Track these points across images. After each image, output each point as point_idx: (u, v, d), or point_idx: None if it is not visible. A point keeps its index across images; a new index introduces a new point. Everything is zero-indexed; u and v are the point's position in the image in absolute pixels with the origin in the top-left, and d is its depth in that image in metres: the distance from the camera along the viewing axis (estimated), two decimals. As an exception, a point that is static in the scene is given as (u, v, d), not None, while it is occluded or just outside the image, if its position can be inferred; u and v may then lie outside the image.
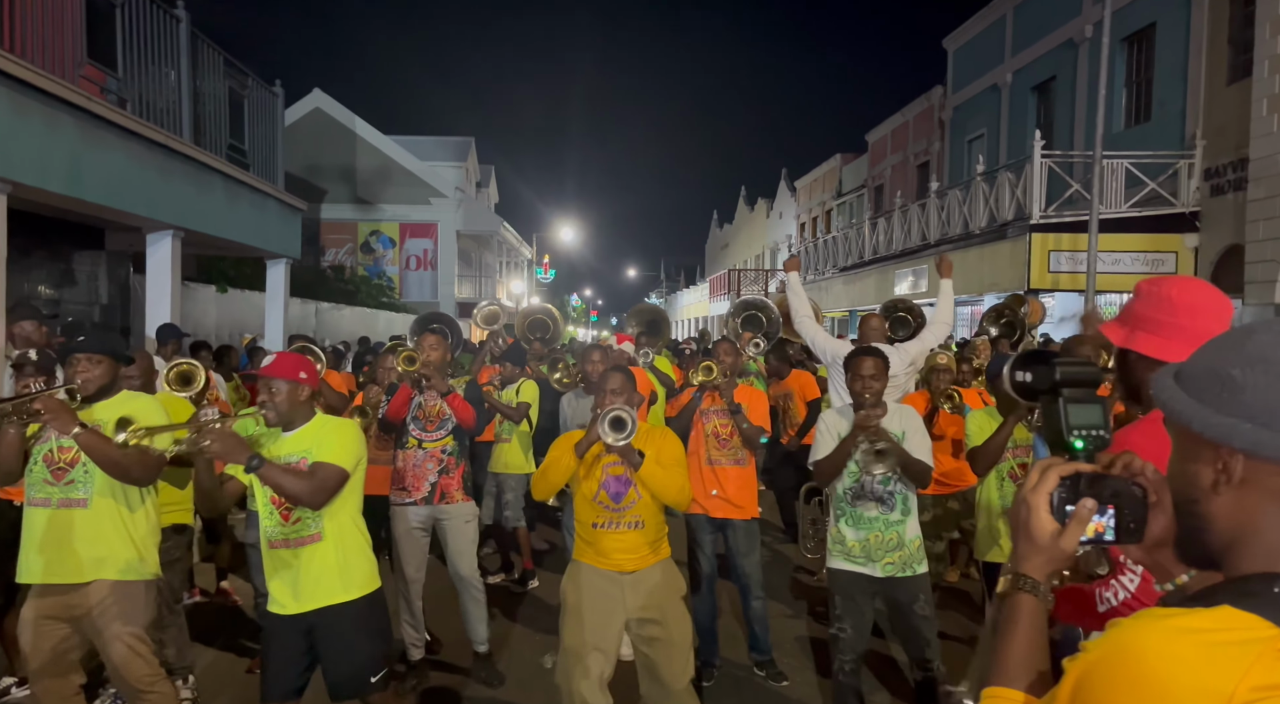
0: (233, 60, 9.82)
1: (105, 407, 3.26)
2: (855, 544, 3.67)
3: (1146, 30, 14.02)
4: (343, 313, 18.66)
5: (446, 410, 4.46)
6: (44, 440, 3.21)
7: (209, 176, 9.14)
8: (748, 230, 41.66)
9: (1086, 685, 0.89)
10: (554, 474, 3.37)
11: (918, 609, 3.65)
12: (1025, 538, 1.14)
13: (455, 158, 31.28)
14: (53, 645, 3.18)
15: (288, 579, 3.07)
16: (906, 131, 23.40)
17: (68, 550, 3.16)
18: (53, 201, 7.02)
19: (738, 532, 4.56)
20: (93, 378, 3.21)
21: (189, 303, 10.78)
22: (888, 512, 3.65)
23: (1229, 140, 11.95)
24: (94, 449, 3.04)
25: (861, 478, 3.67)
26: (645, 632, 3.41)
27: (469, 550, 4.59)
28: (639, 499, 3.37)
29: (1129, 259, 12.95)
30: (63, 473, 3.18)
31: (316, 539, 3.08)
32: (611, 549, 3.38)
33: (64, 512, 3.17)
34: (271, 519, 3.09)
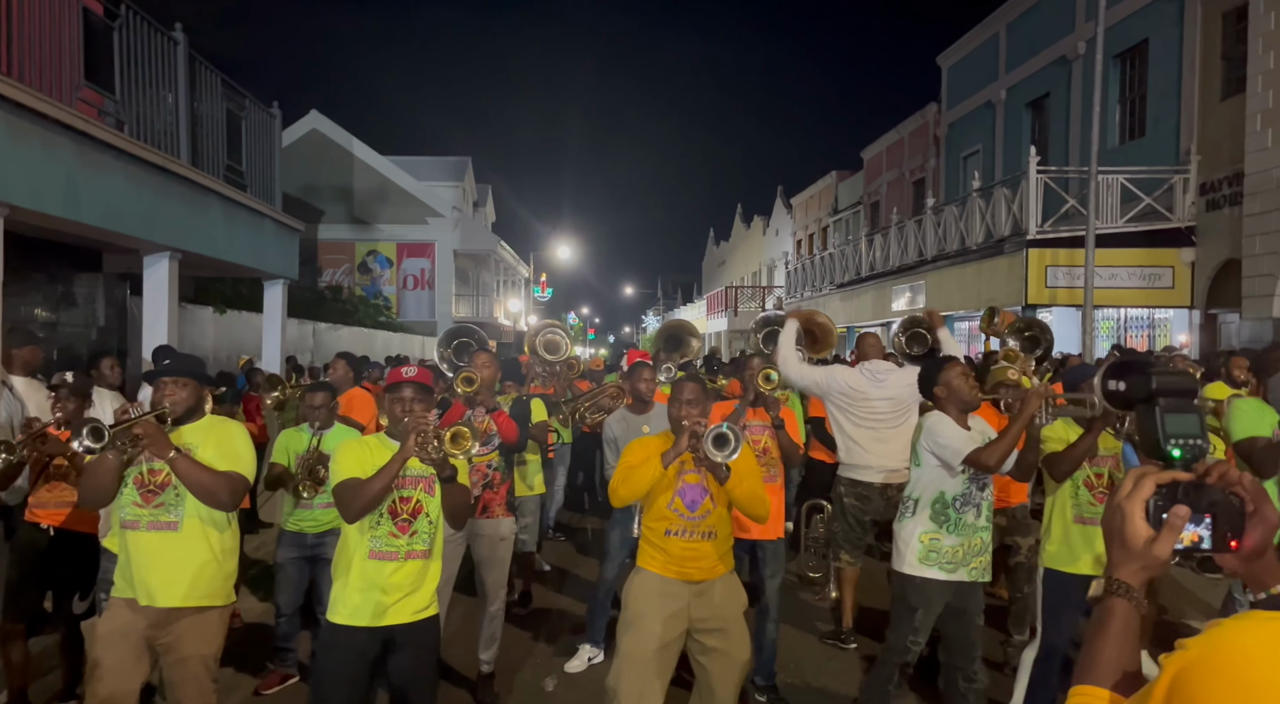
0: (230, 82, 9.84)
1: (193, 430, 3.27)
2: (950, 550, 3.72)
3: (1139, 47, 14.11)
4: (340, 333, 18.64)
5: (493, 427, 4.56)
6: (134, 463, 3.21)
7: (206, 198, 9.14)
8: (744, 247, 41.76)
9: (1184, 683, 0.89)
10: (638, 482, 3.31)
11: (979, 619, 3.77)
12: (1119, 544, 1.16)
13: (452, 177, 31.36)
14: (122, 662, 3.14)
15: (386, 591, 3.10)
16: (902, 148, 23.51)
17: (157, 574, 3.15)
18: (50, 224, 7.00)
19: (766, 552, 4.55)
20: (180, 401, 3.23)
21: (186, 324, 10.75)
22: (979, 518, 3.76)
23: (1224, 155, 12.00)
24: (189, 475, 3.07)
25: (969, 484, 3.73)
26: (707, 641, 3.40)
27: (501, 566, 4.68)
28: (714, 509, 3.37)
29: (1126, 274, 12.98)
30: (153, 495, 3.19)
31: (426, 556, 3.19)
32: (682, 557, 3.37)
33: (154, 534, 3.17)
34: (380, 529, 3.12)
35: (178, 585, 3.16)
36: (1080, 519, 3.78)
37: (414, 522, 3.14)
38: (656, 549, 3.40)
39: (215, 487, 3.10)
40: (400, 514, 3.13)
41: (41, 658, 4.56)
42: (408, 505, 3.14)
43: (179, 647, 3.18)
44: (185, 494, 3.16)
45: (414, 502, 3.15)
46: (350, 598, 3.13)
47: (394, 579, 3.11)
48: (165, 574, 3.15)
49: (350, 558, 3.15)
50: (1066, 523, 3.81)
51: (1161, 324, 13.76)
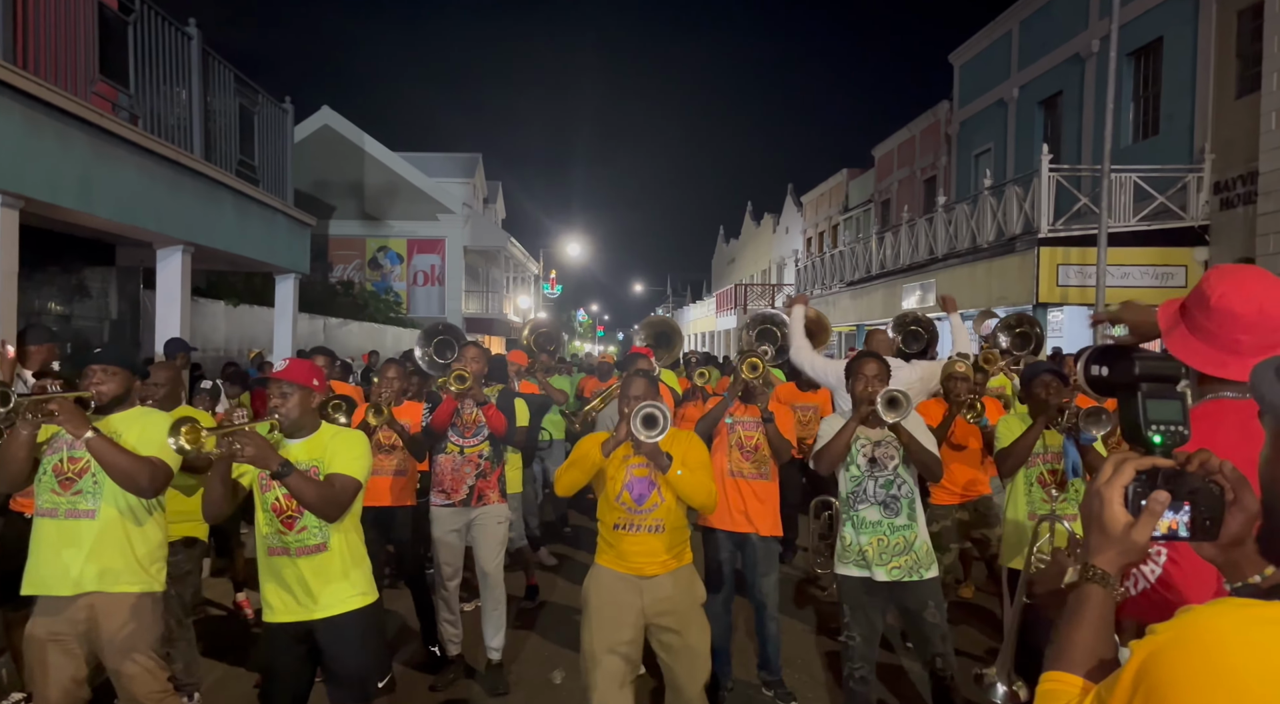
0: (243, 77, 9.89)
1: (120, 419, 3.24)
2: (858, 548, 3.68)
3: (1154, 44, 14.03)
4: (350, 328, 18.70)
5: (482, 418, 4.63)
6: (55, 450, 3.19)
7: (219, 192, 9.19)
8: (754, 245, 41.70)
9: (1154, 667, 0.89)
10: (578, 471, 3.37)
11: (928, 616, 3.65)
12: (1098, 530, 1.15)
13: (463, 174, 31.41)
14: (59, 661, 3.13)
15: (288, 588, 3.06)
16: (913, 146, 23.43)
17: (73, 562, 3.12)
18: (64, 217, 7.06)
19: (756, 549, 4.47)
20: (107, 389, 3.21)
21: (198, 318, 10.81)
22: (892, 516, 3.67)
23: (1238, 154, 11.93)
24: (105, 455, 3.02)
25: (864, 481, 3.69)
26: (663, 638, 3.41)
27: (498, 550, 4.74)
28: (661, 503, 3.36)
29: (1138, 273, 12.90)
30: (70, 483, 3.15)
31: (321, 549, 3.08)
32: (631, 552, 3.37)
33: (70, 522, 3.14)
34: (271, 527, 3.07)
35: (97, 572, 3.13)
36: (1034, 516, 3.75)
37: (299, 517, 3.06)
38: (608, 544, 3.44)
39: (133, 470, 3.04)
40: (284, 511, 3.06)
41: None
42: (292, 502, 3.05)
43: (110, 637, 3.14)
44: (104, 482, 3.12)
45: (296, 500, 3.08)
46: (265, 596, 3.13)
47: (289, 575, 3.06)
48: (82, 562, 3.12)
49: (260, 556, 3.15)
50: (1020, 520, 3.79)
51: (1174, 323, 13.67)
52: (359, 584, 3.15)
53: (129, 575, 3.19)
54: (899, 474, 3.69)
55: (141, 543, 3.23)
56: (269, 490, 3.07)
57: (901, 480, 3.69)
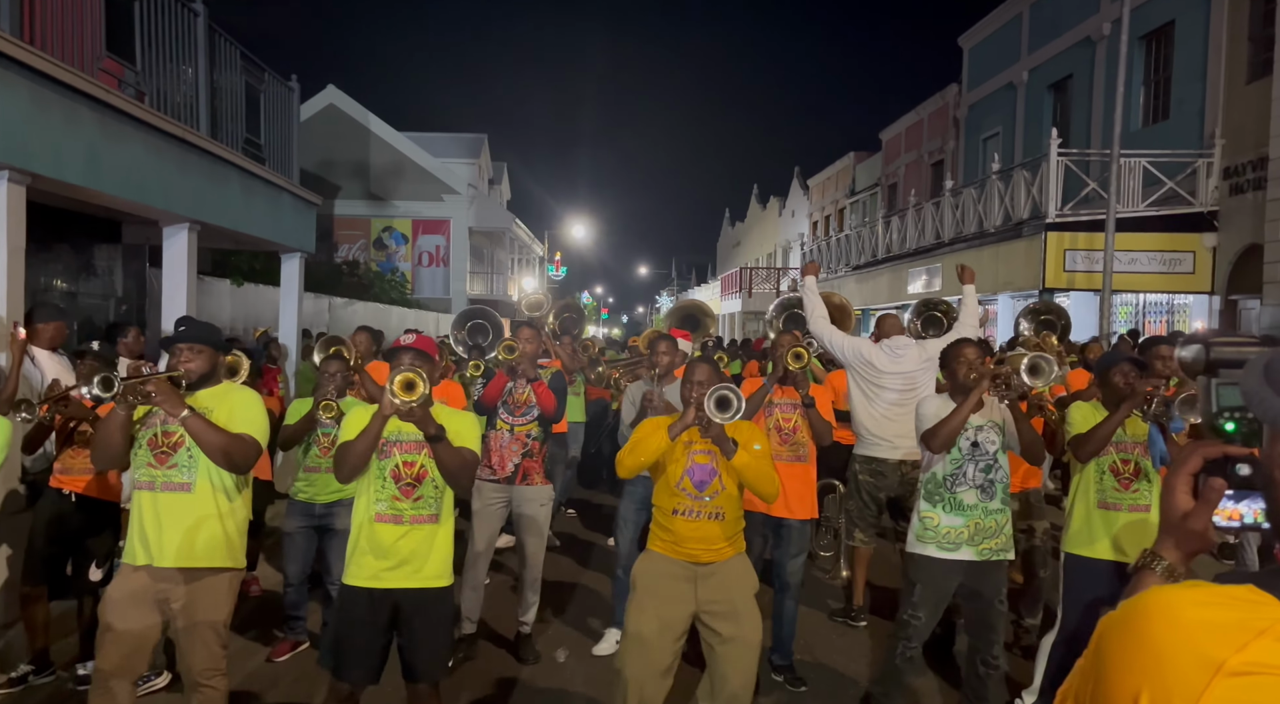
0: (249, 55, 9.84)
1: (208, 395, 3.29)
2: (950, 530, 3.70)
3: (1165, 28, 13.91)
4: (355, 308, 18.71)
5: (533, 398, 4.69)
6: (149, 425, 3.24)
7: (225, 170, 9.17)
8: (760, 228, 41.57)
9: (1103, 641, 0.93)
10: (642, 453, 3.33)
11: (998, 602, 3.73)
12: (1163, 517, 1.16)
13: (468, 155, 31.31)
14: (130, 627, 3.17)
15: (390, 555, 3.12)
16: (921, 130, 23.30)
17: (171, 534, 3.18)
18: (71, 194, 7.05)
19: (792, 532, 4.53)
20: (195, 367, 3.25)
21: (204, 297, 10.82)
22: (988, 499, 3.71)
23: (1248, 139, 11.85)
24: (200, 433, 3.08)
25: (964, 464, 3.72)
26: (716, 625, 3.35)
27: (541, 531, 4.82)
28: (723, 490, 3.35)
29: (1146, 258, 12.86)
30: (166, 456, 3.20)
31: (433, 520, 3.18)
32: (688, 538, 3.34)
33: (167, 495, 3.20)
34: (384, 492, 3.14)
35: (188, 545, 3.18)
36: (1104, 504, 3.75)
37: (418, 486, 3.14)
38: (664, 530, 3.41)
39: (228, 447, 3.11)
40: (404, 478, 3.14)
41: (61, 621, 4.64)
42: (411, 469, 3.15)
43: (189, 610, 3.20)
44: (199, 456, 3.18)
45: (418, 466, 3.16)
46: (359, 560, 3.16)
47: (399, 544, 3.12)
48: (176, 534, 3.17)
49: (359, 521, 3.19)
50: (1089, 507, 3.78)
51: (1181, 310, 13.64)
52: (449, 563, 3.26)
53: (216, 550, 3.25)
54: (998, 459, 3.74)
55: (230, 518, 3.30)
56: (390, 456, 3.14)
57: (999, 465, 3.74)
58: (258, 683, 4.45)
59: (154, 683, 4.21)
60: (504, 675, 4.59)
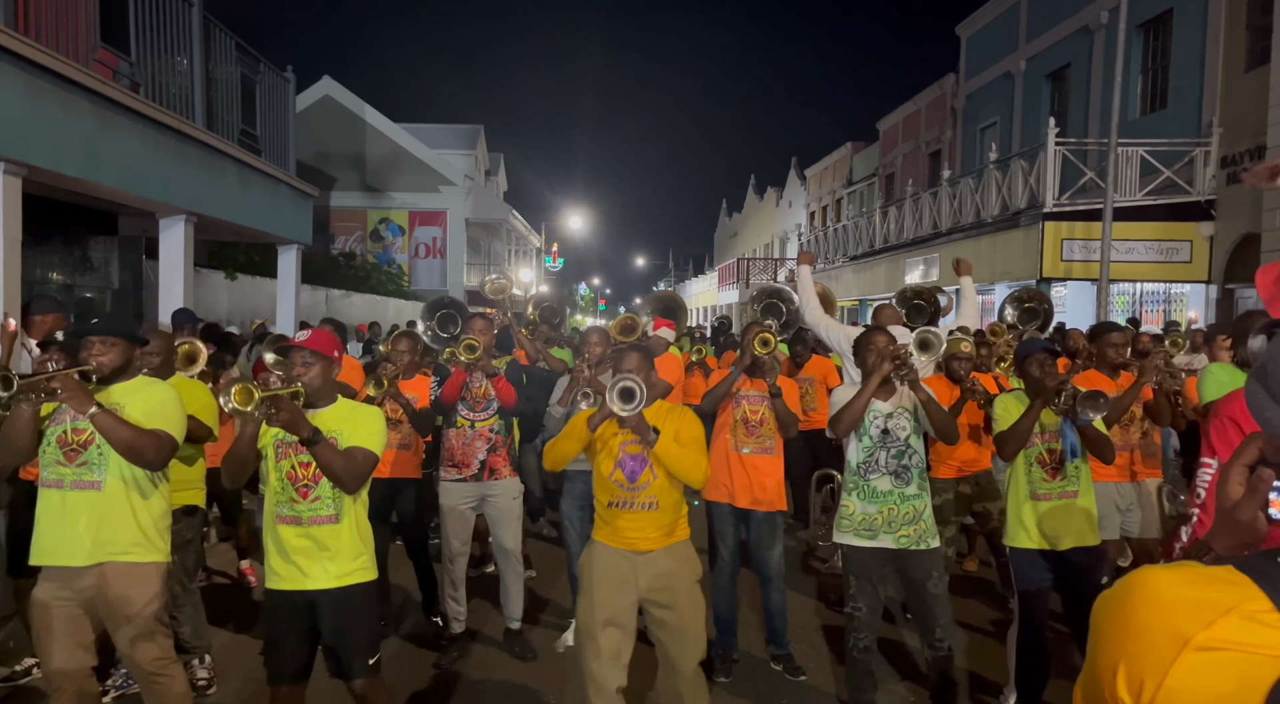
0: (244, 45, 9.80)
1: (122, 390, 3.24)
2: (865, 518, 3.71)
3: (1163, 16, 13.88)
4: (352, 300, 18.69)
5: (491, 391, 4.61)
6: (58, 421, 3.19)
7: (222, 161, 9.15)
8: (757, 219, 41.53)
9: (1094, 616, 0.98)
10: (565, 444, 3.38)
11: (930, 586, 3.72)
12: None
13: (464, 146, 31.21)
14: (64, 627, 3.15)
15: (294, 557, 3.07)
16: (918, 120, 23.26)
17: (80, 532, 3.13)
18: (68, 186, 7.03)
19: (761, 523, 4.48)
20: (108, 361, 3.19)
21: (201, 289, 10.80)
22: (903, 485, 3.71)
23: (1246, 127, 11.84)
24: (109, 430, 3.02)
25: (876, 451, 3.72)
26: (656, 614, 3.41)
27: (514, 525, 4.77)
28: (654, 479, 3.35)
29: (1143, 248, 12.86)
30: (76, 454, 3.15)
31: (334, 520, 3.10)
32: (625, 528, 3.38)
33: (76, 493, 3.15)
34: (283, 495, 3.08)
35: (102, 543, 3.14)
36: (1035, 496, 3.76)
37: (314, 487, 3.07)
38: (603, 521, 3.44)
39: (139, 444, 3.05)
40: (300, 480, 3.07)
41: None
42: (307, 471, 3.07)
43: (117, 606, 3.16)
44: (109, 454, 3.12)
45: (313, 468, 3.07)
46: (270, 563, 3.13)
47: (300, 544, 3.06)
48: (89, 532, 3.13)
49: (266, 524, 3.15)
50: (1020, 500, 3.80)
51: (1178, 298, 13.66)
52: (363, 559, 3.17)
53: (135, 545, 3.21)
54: (910, 444, 3.74)
55: (146, 513, 3.25)
56: (285, 458, 3.08)
57: (913, 450, 3.74)
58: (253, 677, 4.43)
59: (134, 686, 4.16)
60: (494, 673, 4.58)
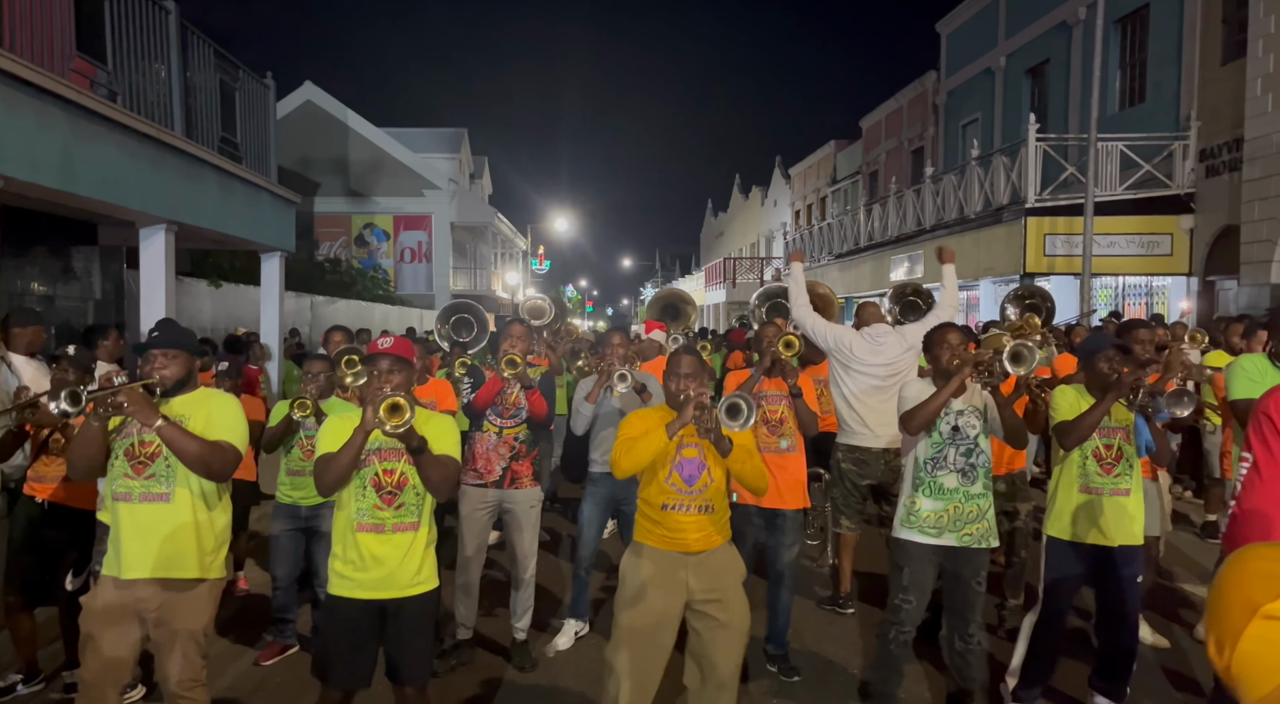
0: (223, 52, 9.74)
1: (184, 402, 3.24)
2: (930, 515, 3.72)
3: (1140, 11, 13.98)
4: (338, 306, 18.61)
5: (522, 400, 4.58)
6: (126, 435, 3.19)
7: (202, 169, 9.08)
8: (742, 218, 41.59)
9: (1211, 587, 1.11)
10: (642, 452, 3.29)
11: (976, 584, 3.75)
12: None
13: (448, 149, 31.15)
14: (111, 639, 3.14)
15: (374, 565, 3.09)
16: (900, 117, 23.35)
17: (148, 545, 3.14)
18: (45, 196, 6.97)
19: (786, 521, 4.53)
20: (170, 373, 3.20)
21: (183, 298, 10.73)
22: (969, 483, 3.72)
23: (1224, 121, 11.94)
24: (175, 442, 3.04)
25: (945, 448, 3.73)
26: (707, 611, 3.37)
27: (532, 534, 4.73)
28: (712, 483, 3.36)
29: (1124, 242, 12.96)
30: (143, 466, 3.16)
31: (415, 528, 3.15)
32: (679, 529, 3.35)
33: (145, 506, 3.16)
34: (365, 501, 3.11)
35: (166, 556, 3.15)
36: (1086, 489, 3.77)
37: (399, 494, 3.11)
38: (653, 523, 3.40)
39: (206, 456, 3.07)
40: (385, 487, 3.11)
41: (47, 627, 4.60)
42: (392, 478, 3.12)
43: (168, 620, 3.16)
44: (176, 466, 3.14)
45: (398, 474, 3.12)
46: (342, 570, 3.13)
47: (381, 552, 3.09)
48: (156, 545, 3.14)
49: (341, 531, 3.16)
50: (1073, 492, 3.80)
51: (1160, 291, 13.76)
52: (433, 566, 3.24)
53: (196, 560, 3.21)
54: (978, 443, 3.73)
55: (209, 528, 3.25)
56: (369, 465, 3.11)
57: (980, 450, 3.74)
58: (244, 686, 4.43)
59: (129, 695, 4.15)
60: (498, 680, 4.55)
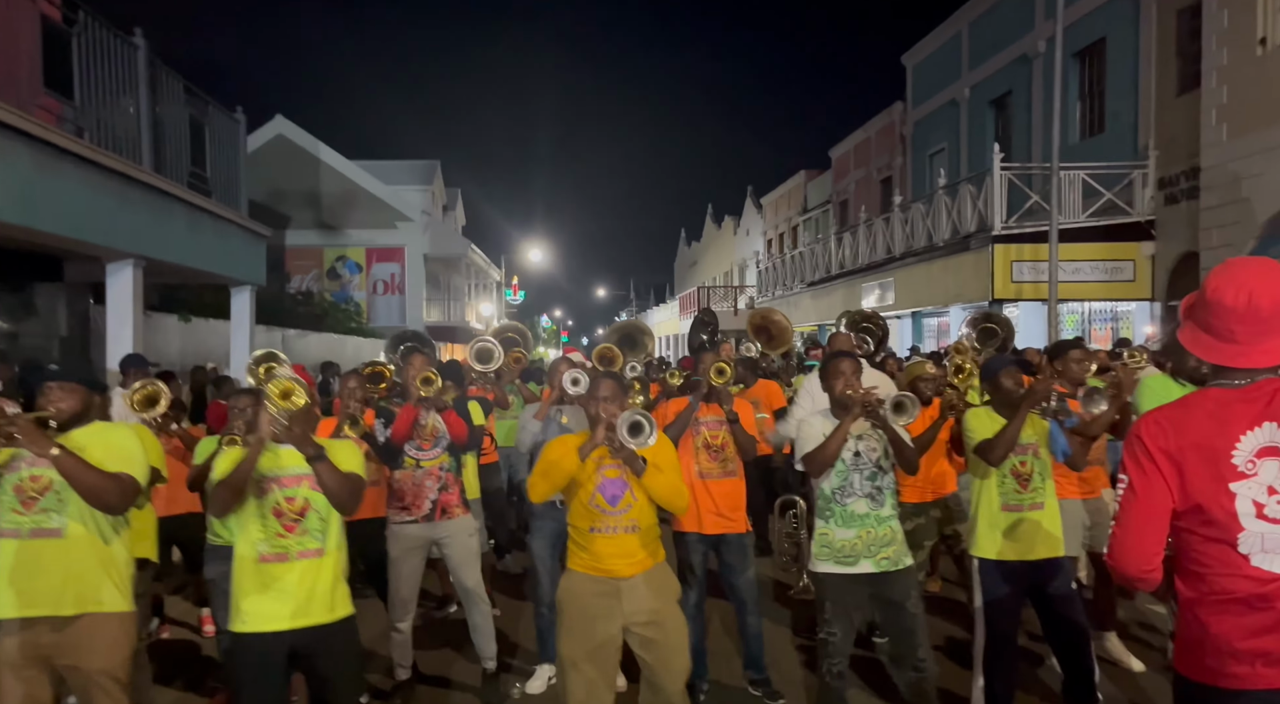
0: (192, 87, 9.73)
1: (81, 434, 3.15)
2: (845, 543, 3.70)
3: (1097, 44, 14.36)
4: (309, 339, 18.46)
5: (440, 427, 4.49)
6: (14, 469, 3.10)
7: (170, 204, 9.03)
8: (715, 248, 41.90)
9: None
10: (555, 476, 3.33)
11: (910, 606, 3.71)
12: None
13: (421, 181, 31.18)
14: (17, 690, 3.03)
15: (279, 596, 3.02)
16: (869, 147, 23.72)
17: (41, 582, 3.04)
18: (6, 233, 6.89)
19: (731, 546, 4.50)
20: (66, 406, 3.13)
21: (151, 333, 10.60)
22: (878, 507, 3.70)
23: (1181, 150, 12.24)
24: (73, 472, 2.94)
25: (849, 475, 3.71)
26: (644, 634, 3.39)
27: (474, 563, 4.62)
28: (635, 503, 3.36)
29: (1088, 268, 13.20)
30: (33, 501, 3.07)
31: (319, 554, 3.08)
32: (607, 554, 3.36)
33: (36, 542, 3.06)
34: (267, 531, 3.05)
35: (65, 593, 3.05)
36: (1006, 507, 3.81)
37: (302, 519, 3.06)
38: (581, 548, 3.41)
39: (102, 486, 2.98)
40: (286, 514, 3.06)
41: None
42: (293, 504, 3.07)
43: (80, 660, 3.06)
44: (68, 499, 3.05)
45: (299, 499, 3.07)
46: (246, 605, 3.05)
47: (286, 580, 3.03)
48: (51, 581, 3.04)
49: (242, 563, 3.08)
50: (993, 511, 3.84)
51: (1124, 317, 14.00)
52: (345, 594, 3.17)
53: (97, 594, 3.11)
54: (881, 466, 3.73)
55: (109, 560, 3.16)
56: (269, 493, 3.05)
57: (884, 472, 3.74)
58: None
59: None
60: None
